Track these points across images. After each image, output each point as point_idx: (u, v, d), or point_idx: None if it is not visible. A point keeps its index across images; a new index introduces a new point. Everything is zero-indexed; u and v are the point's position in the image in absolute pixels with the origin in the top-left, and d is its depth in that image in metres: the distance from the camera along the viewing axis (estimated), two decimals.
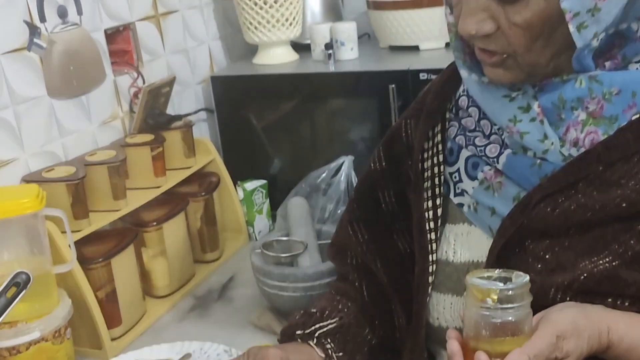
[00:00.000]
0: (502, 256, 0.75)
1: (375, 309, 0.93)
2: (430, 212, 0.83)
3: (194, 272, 1.43)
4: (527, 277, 0.65)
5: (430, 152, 0.85)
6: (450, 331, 0.69)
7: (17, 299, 0.71)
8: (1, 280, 0.95)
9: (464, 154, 0.82)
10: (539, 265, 0.72)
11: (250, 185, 1.57)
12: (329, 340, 0.87)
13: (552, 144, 0.73)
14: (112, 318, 1.21)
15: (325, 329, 0.87)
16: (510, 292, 0.64)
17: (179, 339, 1.17)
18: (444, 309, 0.83)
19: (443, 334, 0.83)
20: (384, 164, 0.92)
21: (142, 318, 1.28)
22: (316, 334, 0.87)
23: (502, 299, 0.64)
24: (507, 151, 0.77)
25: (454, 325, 0.81)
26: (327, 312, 0.90)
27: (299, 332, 0.87)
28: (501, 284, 0.65)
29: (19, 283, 0.72)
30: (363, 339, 0.90)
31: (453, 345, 0.67)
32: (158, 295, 1.35)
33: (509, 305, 0.64)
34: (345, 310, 0.91)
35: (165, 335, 1.24)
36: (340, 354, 0.86)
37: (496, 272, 0.67)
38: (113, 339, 1.20)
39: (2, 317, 0.70)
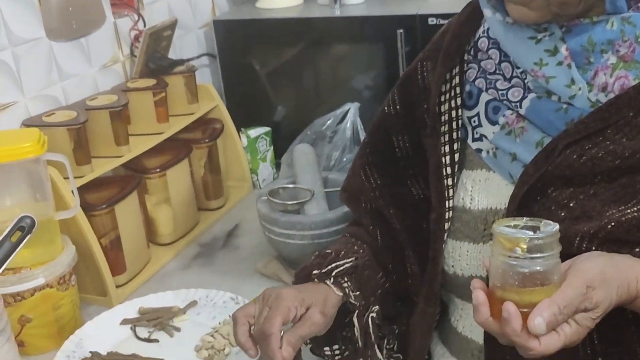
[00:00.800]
0: (523, 204, 0.73)
1: (388, 254, 0.91)
2: (448, 158, 0.81)
3: (198, 220, 1.41)
4: (557, 226, 0.63)
5: (447, 95, 0.82)
6: (475, 281, 0.67)
7: (23, 243, 0.69)
8: (4, 227, 0.93)
9: (484, 97, 0.79)
10: (563, 214, 0.70)
11: (253, 132, 1.54)
12: (345, 279, 0.85)
13: (580, 89, 0.70)
14: (117, 265, 1.19)
15: (341, 268, 0.86)
16: (539, 241, 0.62)
17: (184, 287, 1.16)
18: (459, 256, 0.81)
19: (458, 282, 0.81)
20: (398, 107, 0.89)
21: (146, 265, 1.27)
22: (333, 273, 0.85)
23: (531, 248, 0.62)
24: (531, 95, 0.74)
25: (470, 273, 0.80)
26: (342, 252, 0.89)
27: (315, 272, 0.86)
28: (530, 233, 0.63)
29: (24, 227, 0.69)
30: (377, 282, 0.89)
31: (479, 295, 0.65)
32: (162, 242, 1.34)
33: (538, 255, 0.62)
34: (361, 252, 0.90)
35: (170, 283, 1.23)
36: (357, 292, 0.85)
37: (523, 221, 0.65)
38: (118, 286, 1.19)
39: (8, 261, 0.68)
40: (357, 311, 0.86)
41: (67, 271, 1.05)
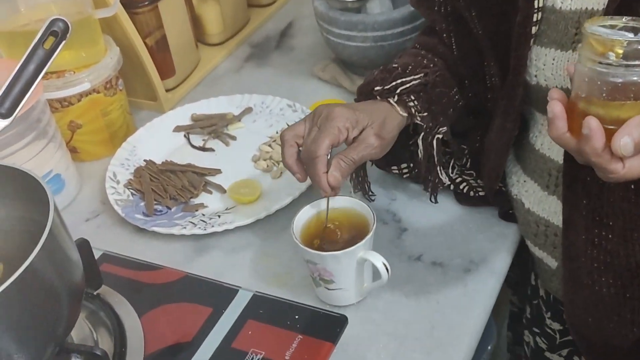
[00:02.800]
0: (626, 4, 0.60)
1: (465, 66, 0.81)
2: None
3: (248, 18, 1.30)
4: None
5: None
6: (554, 91, 0.57)
7: (58, 51, 0.62)
8: (39, 27, 0.85)
9: None
10: None
11: None
12: (412, 98, 0.76)
13: None
14: (165, 67, 1.12)
15: (407, 85, 0.77)
16: None
17: (237, 91, 1.09)
18: (544, 65, 0.70)
19: (541, 94, 0.72)
20: None
21: (196, 68, 1.19)
22: (397, 91, 0.76)
23: (628, 53, 0.51)
24: None
25: (555, 85, 0.69)
26: (410, 67, 0.78)
27: (377, 88, 0.77)
28: (630, 35, 0.52)
29: (57, 32, 0.61)
30: (449, 100, 0.80)
31: (556, 107, 0.56)
32: (211, 42, 1.25)
33: (637, 62, 0.51)
34: (432, 66, 0.79)
35: (222, 86, 1.16)
36: (425, 113, 0.77)
37: (623, 20, 0.53)
38: (167, 90, 1.12)
39: (43, 71, 0.61)
40: (422, 133, 0.78)
41: (113, 75, 0.99)
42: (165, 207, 0.90)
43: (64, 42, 0.62)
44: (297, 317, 0.68)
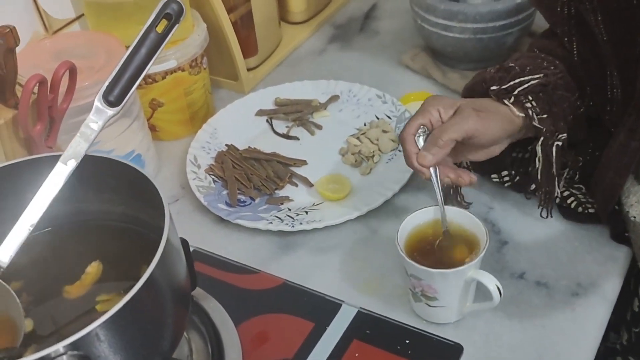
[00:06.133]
0: None
1: (585, 72, 0.74)
2: None
3: None
4: None
5: None
6: None
7: (170, 35, 0.57)
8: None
9: None
10: None
11: None
12: (529, 99, 0.71)
13: None
14: (248, 45, 1.07)
15: (526, 86, 0.71)
16: None
17: (319, 74, 1.04)
18: None
19: None
20: None
21: (278, 47, 1.14)
22: (515, 91, 0.71)
23: None
24: None
25: None
26: (528, 68, 0.73)
27: (493, 87, 0.71)
28: None
29: (171, 15, 0.57)
30: (570, 105, 0.74)
31: None
32: (294, 20, 1.19)
33: None
34: (552, 68, 0.73)
35: (304, 69, 1.11)
36: (545, 115, 0.71)
37: None
38: (249, 69, 1.07)
39: (155, 56, 0.57)
40: (542, 138, 0.72)
41: (199, 53, 0.94)
42: (248, 198, 0.85)
43: (177, 26, 0.57)
44: (407, 341, 0.63)
